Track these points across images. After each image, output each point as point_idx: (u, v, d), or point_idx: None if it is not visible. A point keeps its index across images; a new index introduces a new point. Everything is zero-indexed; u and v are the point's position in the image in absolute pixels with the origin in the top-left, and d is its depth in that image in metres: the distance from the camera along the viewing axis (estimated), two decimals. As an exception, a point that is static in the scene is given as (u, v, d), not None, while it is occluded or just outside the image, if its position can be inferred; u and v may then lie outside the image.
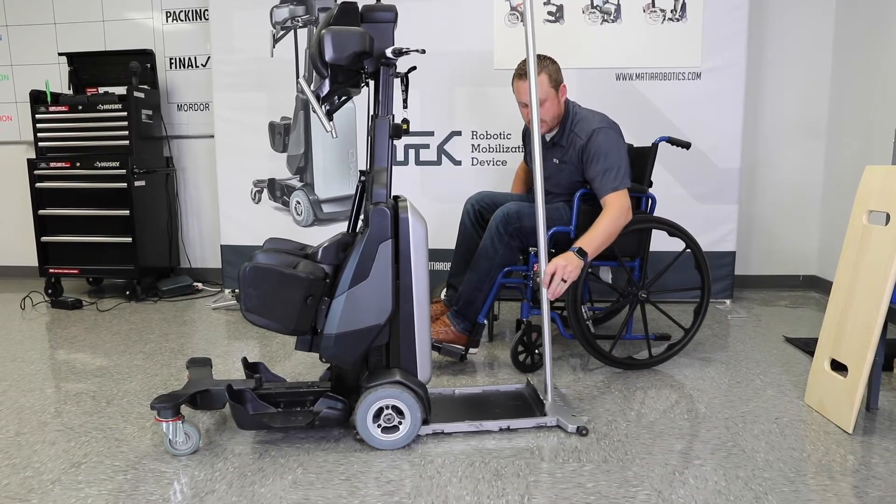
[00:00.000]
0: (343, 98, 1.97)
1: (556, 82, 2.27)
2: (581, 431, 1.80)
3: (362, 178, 1.94)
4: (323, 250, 1.81)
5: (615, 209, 2.17)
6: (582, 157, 2.27)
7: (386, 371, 1.76)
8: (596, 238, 2.12)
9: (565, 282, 1.98)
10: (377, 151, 1.76)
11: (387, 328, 1.75)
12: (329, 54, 1.64)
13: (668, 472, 1.60)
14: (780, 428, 1.85)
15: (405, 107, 1.87)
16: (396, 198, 1.84)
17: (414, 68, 1.92)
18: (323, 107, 1.80)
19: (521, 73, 2.24)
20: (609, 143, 2.22)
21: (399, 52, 1.72)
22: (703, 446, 1.74)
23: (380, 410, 1.71)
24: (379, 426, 1.71)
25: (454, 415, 1.88)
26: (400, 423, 1.72)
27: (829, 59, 3.57)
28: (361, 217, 1.92)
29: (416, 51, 1.81)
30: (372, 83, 1.81)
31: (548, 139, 2.38)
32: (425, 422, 1.77)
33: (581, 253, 2.06)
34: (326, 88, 1.75)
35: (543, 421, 1.84)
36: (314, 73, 1.77)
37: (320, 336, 1.75)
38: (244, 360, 1.97)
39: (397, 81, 1.82)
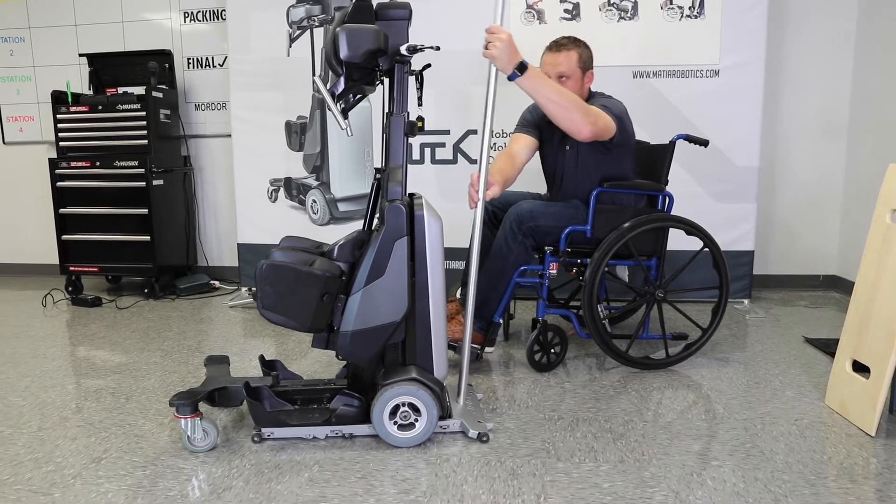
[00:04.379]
0: (358, 96, 1.97)
1: (585, 66, 2.32)
2: (482, 438, 1.76)
3: (378, 176, 1.95)
4: (339, 248, 1.81)
5: (590, 106, 2.13)
6: None
7: (402, 368, 1.76)
8: (550, 84, 2.05)
9: (494, 47, 1.92)
10: (392, 149, 1.76)
11: (402, 325, 1.75)
12: (344, 52, 1.64)
13: (685, 473, 1.58)
14: (800, 430, 1.83)
15: (420, 104, 1.87)
16: (412, 195, 1.84)
17: (429, 66, 1.92)
18: (338, 105, 1.80)
19: (553, 44, 2.31)
20: (603, 100, 2.29)
21: (413, 49, 1.72)
22: (721, 447, 1.72)
23: (396, 408, 1.71)
24: (395, 423, 1.72)
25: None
26: (416, 420, 1.72)
27: (850, 56, 3.51)
28: (377, 215, 1.92)
29: (431, 48, 1.81)
30: (387, 81, 1.81)
31: None
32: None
33: (522, 66, 1.96)
34: (341, 86, 1.75)
35: (447, 424, 1.80)
36: (329, 72, 1.78)
37: (336, 333, 1.75)
38: (261, 358, 1.98)
39: (412, 79, 1.82)
